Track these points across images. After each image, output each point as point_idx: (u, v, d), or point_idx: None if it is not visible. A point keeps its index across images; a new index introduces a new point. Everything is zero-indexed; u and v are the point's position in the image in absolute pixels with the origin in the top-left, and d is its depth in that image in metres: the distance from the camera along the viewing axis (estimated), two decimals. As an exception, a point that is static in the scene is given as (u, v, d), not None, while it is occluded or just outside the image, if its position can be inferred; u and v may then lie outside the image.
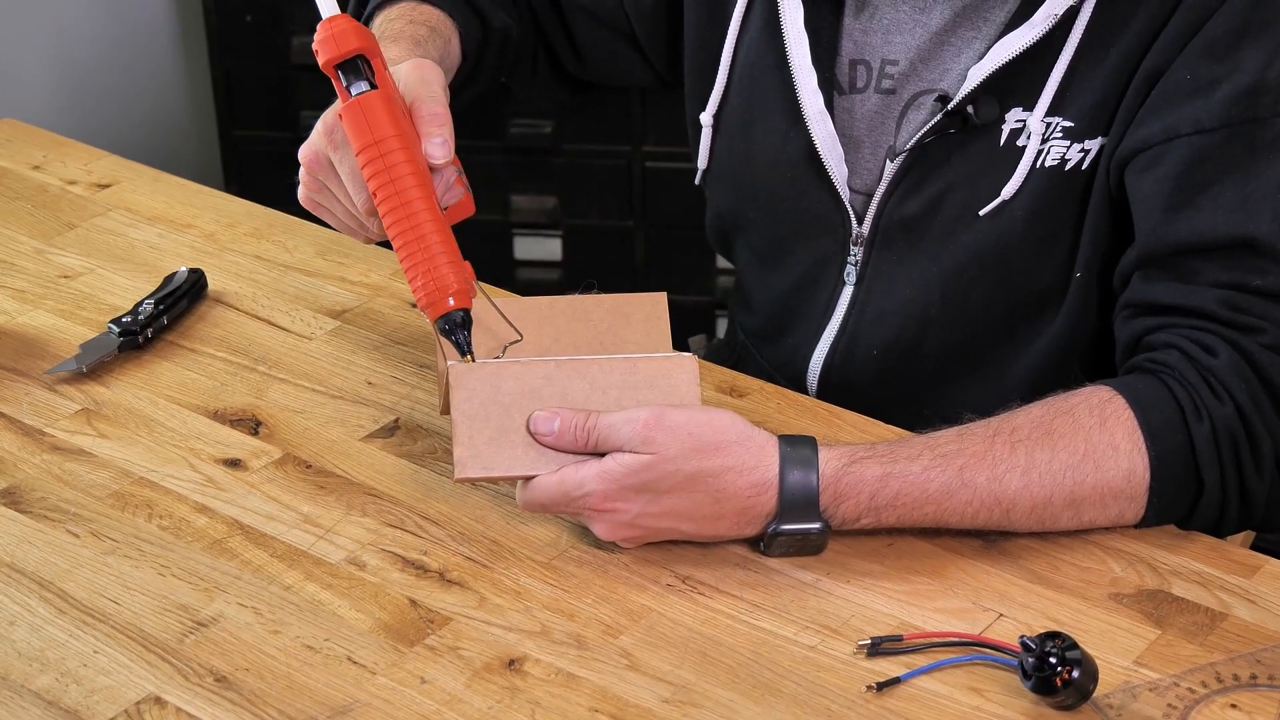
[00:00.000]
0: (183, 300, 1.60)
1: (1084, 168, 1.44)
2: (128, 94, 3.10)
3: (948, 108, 1.46)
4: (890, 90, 1.52)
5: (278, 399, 1.50)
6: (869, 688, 1.19)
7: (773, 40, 1.55)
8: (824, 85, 1.52)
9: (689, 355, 1.31)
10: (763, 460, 1.27)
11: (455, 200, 1.35)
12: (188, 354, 1.57)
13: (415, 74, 1.39)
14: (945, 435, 1.31)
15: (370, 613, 1.26)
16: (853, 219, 1.54)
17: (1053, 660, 1.15)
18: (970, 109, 1.45)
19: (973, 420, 1.32)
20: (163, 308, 1.58)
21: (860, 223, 1.54)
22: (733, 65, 1.60)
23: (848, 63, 1.54)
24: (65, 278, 1.68)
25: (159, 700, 1.18)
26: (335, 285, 1.67)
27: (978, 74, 1.44)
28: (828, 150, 1.53)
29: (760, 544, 1.31)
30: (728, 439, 1.27)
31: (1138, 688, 1.19)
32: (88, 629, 1.25)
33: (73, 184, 1.85)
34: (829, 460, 1.28)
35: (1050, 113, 1.44)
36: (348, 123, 1.33)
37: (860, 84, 1.54)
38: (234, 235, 1.75)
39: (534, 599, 1.27)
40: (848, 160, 1.54)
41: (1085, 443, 1.29)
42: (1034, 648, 1.16)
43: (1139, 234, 1.40)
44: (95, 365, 1.53)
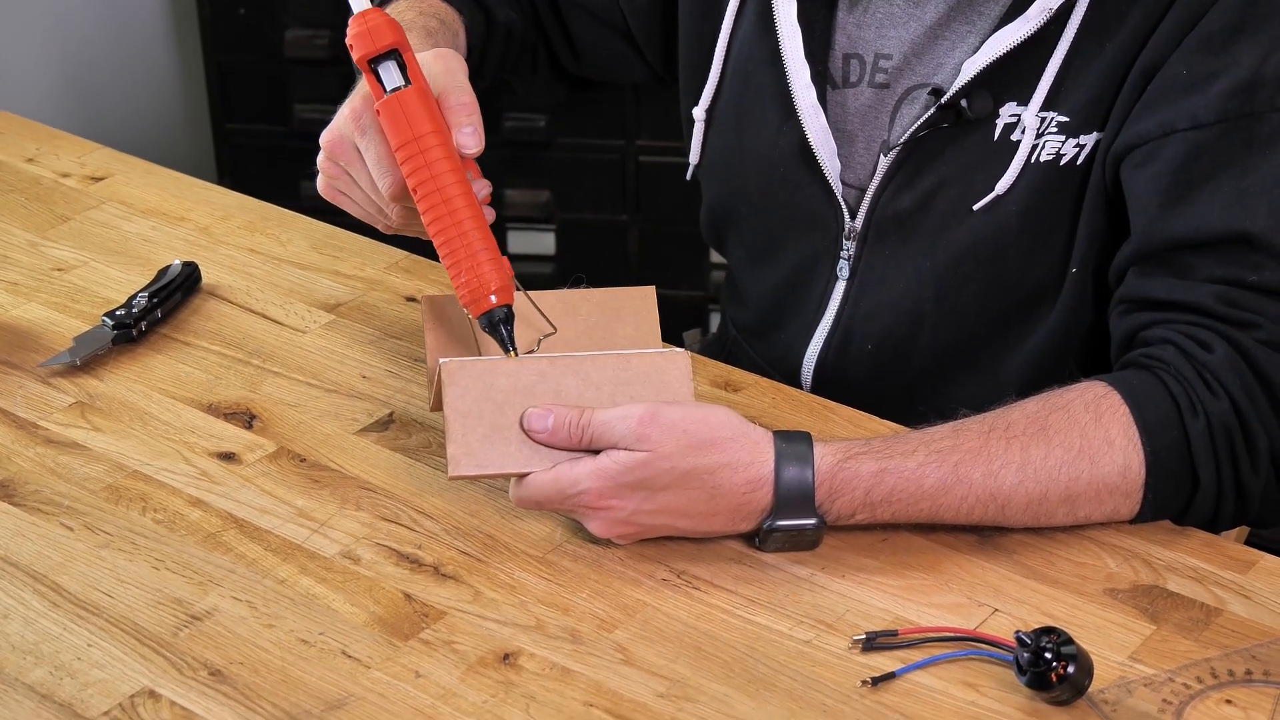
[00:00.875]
0: (177, 293, 1.60)
1: (1079, 163, 1.44)
2: (122, 87, 3.09)
3: (941, 101, 1.46)
4: (884, 84, 1.52)
5: (272, 393, 1.50)
6: (864, 682, 1.19)
7: (766, 34, 1.54)
8: (817, 79, 1.52)
9: (682, 351, 1.31)
10: (758, 456, 1.27)
11: (483, 194, 1.36)
12: (182, 347, 1.56)
13: (440, 64, 1.39)
14: (940, 431, 1.31)
15: (365, 607, 1.26)
16: (846, 214, 1.54)
17: (1048, 655, 1.15)
18: (964, 103, 1.45)
19: (968, 416, 1.32)
20: (156, 301, 1.58)
21: (853, 217, 1.54)
22: (726, 60, 1.60)
23: (841, 57, 1.54)
24: (59, 271, 1.68)
25: (153, 694, 1.18)
26: (329, 279, 1.67)
27: (971, 68, 1.44)
28: (821, 145, 1.52)
29: (756, 539, 1.30)
30: (723, 435, 1.26)
31: (1133, 683, 1.19)
32: (82, 622, 1.24)
33: (66, 177, 1.85)
34: (824, 456, 1.28)
35: (1045, 107, 1.43)
36: (386, 119, 1.33)
37: (854, 78, 1.53)
38: (228, 228, 1.75)
39: (529, 593, 1.27)
40: (841, 155, 1.54)
41: (1080, 438, 1.29)
42: (1029, 643, 1.16)
43: (1134, 229, 1.40)
44: (89, 358, 1.53)
